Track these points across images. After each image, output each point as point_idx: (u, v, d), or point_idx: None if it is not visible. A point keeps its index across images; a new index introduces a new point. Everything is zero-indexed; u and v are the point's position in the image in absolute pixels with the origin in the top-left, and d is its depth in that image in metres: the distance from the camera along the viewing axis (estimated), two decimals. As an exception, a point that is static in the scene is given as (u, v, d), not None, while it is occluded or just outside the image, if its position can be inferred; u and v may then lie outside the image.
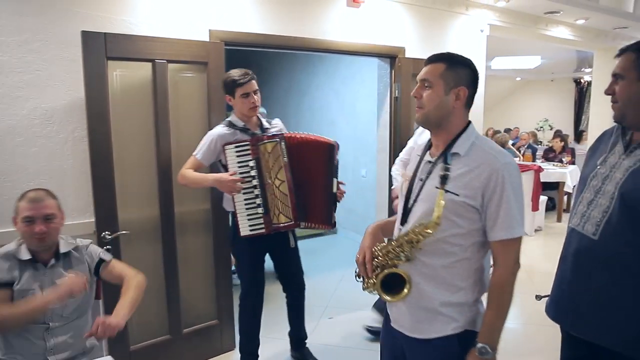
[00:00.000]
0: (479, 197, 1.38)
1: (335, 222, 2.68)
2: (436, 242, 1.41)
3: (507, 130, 10.22)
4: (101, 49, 2.44)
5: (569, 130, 11.42)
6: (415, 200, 1.48)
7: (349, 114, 5.89)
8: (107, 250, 2.42)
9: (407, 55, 3.81)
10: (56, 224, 1.89)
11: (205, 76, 2.86)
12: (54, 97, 2.51)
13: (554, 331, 1.75)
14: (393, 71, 3.80)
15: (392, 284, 1.48)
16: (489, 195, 1.37)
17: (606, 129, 1.69)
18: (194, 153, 2.59)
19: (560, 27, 5.26)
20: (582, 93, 12.13)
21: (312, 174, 2.60)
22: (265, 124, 2.75)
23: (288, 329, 3.08)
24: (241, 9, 3.03)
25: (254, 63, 7.31)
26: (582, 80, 12.03)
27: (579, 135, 11.16)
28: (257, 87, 2.61)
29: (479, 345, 1.41)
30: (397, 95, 3.77)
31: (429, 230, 1.38)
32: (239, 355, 2.90)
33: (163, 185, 2.76)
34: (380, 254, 1.49)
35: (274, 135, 2.57)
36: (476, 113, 4.25)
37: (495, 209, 1.37)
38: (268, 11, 3.13)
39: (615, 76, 1.50)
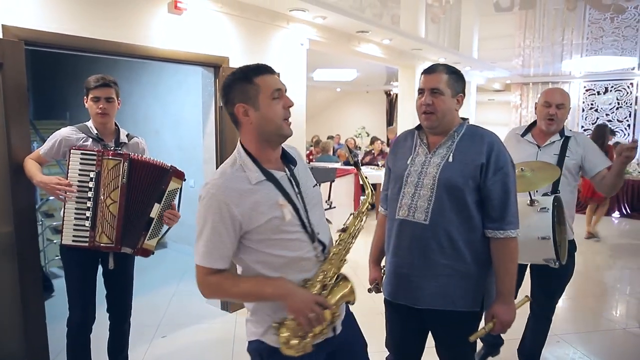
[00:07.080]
0: None
1: (144, 249, 2.52)
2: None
3: (330, 137, 11.07)
4: None
5: (382, 136, 12.74)
6: (307, 211, 1.51)
7: (175, 124, 5.68)
8: None
9: (231, 65, 3.84)
10: None
11: (-1, 80, 2.49)
12: None
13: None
14: (217, 80, 3.79)
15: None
16: None
17: (398, 136, 2.02)
18: (40, 147, 2.54)
19: (370, 45, 5.86)
20: (391, 103, 13.78)
21: (144, 200, 2.50)
22: (123, 138, 2.62)
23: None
24: (46, 4, 2.69)
25: (68, 67, 6.65)
26: (391, 93, 13.62)
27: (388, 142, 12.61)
28: (112, 96, 2.54)
29: None
30: (222, 104, 3.76)
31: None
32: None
33: (-53, 208, 2.32)
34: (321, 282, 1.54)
35: (120, 154, 2.44)
36: (299, 121, 4.47)
37: None
38: (80, 11, 2.84)
39: (433, 91, 1.74)
